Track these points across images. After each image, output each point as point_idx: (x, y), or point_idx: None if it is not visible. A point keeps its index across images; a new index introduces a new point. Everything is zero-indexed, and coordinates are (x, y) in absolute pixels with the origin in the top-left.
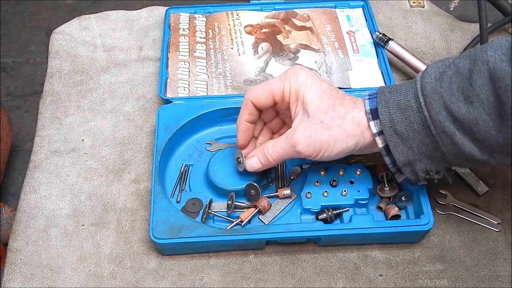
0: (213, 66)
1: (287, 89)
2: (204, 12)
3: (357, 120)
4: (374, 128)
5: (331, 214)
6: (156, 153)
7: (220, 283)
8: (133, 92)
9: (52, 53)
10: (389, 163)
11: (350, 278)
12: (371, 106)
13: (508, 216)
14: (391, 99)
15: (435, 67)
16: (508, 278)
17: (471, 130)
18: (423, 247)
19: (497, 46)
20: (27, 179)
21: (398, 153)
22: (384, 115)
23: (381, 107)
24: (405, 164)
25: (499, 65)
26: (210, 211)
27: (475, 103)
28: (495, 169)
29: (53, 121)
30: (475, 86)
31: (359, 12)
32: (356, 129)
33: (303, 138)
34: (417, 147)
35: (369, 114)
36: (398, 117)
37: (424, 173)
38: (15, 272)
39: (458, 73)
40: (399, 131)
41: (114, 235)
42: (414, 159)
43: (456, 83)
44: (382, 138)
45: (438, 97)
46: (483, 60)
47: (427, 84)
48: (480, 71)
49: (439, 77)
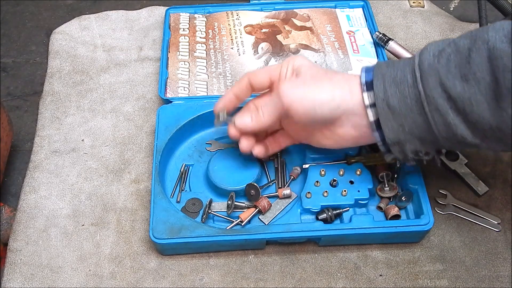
0: (213, 66)
1: (284, 67)
2: (204, 12)
3: (347, 78)
4: (367, 99)
5: (331, 214)
6: (156, 153)
7: (220, 283)
8: (133, 92)
9: (52, 53)
10: (378, 139)
11: (350, 278)
12: (367, 78)
13: (508, 216)
14: (387, 73)
15: (434, 45)
16: (508, 278)
17: (464, 110)
18: (423, 247)
19: (499, 28)
20: (27, 179)
21: (388, 129)
22: (379, 87)
23: (377, 79)
24: (394, 143)
25: (499, 45)
26: (210, 211)
27: (471, 82)
28: (495, 169)
29: (53, 121)
30: (473, 64)
31: (359, 12)
32: (344, 84)
33: (290, 83)
34: (408, 125)
35: (364, 86)
36: (392, 90)
37: (413, 154)
38: (15, 272)
39: (457, 51)
40: (391, 105)
41: (114, 235)
42: (404, 139)
43: (454, 61)
44: (374, 111)
45: (434, 73)
46: (483, 39)
47: (425, 59)
48: (479, 49)
49: (438, 54)
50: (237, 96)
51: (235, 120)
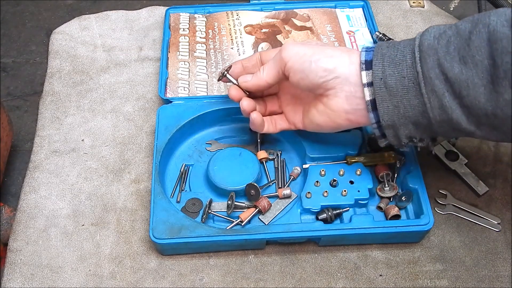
0: (213, 66)
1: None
2: (204, 12)
3: (349, 50)
4: (365, 78)
5: (331, 214)
6: (156, 153)
7: (220, 283)
8: (133, 92)
9: (52, 53)
10: (373, 121)
11: (350, 278)
12: (366, 57)
13: (508, 216)
14: (387, 53)
15: (436, 28)
16: (508, 278)
17: (461, 93)
18: (423, 247)
19: (501, 13)
20: (27, 179)
21: (383, 110)
22: (377, 66)
23: (376, 59)
24: (388, 125)
25: (500, 28)
26: (210, 211)
27: (469, 64)
28: (495, 169)
29: (53, 121)
30: (472, 46)
31: (359, 12)
32: (344, 52)
33: (292, 43)
34: (404, 107)
35: (363, 64)
36: (390, 70)
37: (407, 139)
38: (15, 272)
39: (458, 34)
40: (389, 84)
41: (114, 235)
42: (399, 122)
43: (454, 43)
44: (371, 90)
45: (433, 53)
46: (484, 23)
47: (425, 40)
48: (480, 32)
49: (438, 36)
50: (245, 67)
51: (239, 79)
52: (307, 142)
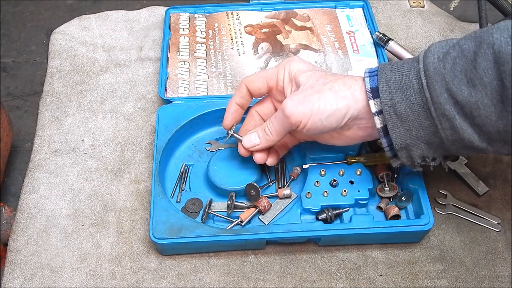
0: (213, 66)
1: (281, 73)
2: (204, 12)
3: (348, 84)
4: (374, 107)
5: (331, 214)
6: (156, 153)
7: (220, 283)
8: (133, 92)
9: (52, 53)
10: (386, 145)
11: (350, 278)
12: (371, 84)
13: (508, 216)
14: (392, 78)
15: (438, 46)
16: (508, 278)
17: (472, 114)
18: (423, 247)
19: (503, 29)
20: (27, 179)
21: (396, 135)
22: (385, 94)
23: (382, 86)
24: (401, 148)
25: (504, 48)
26: (210, 211)
27: (478, 87)
28: (495, 169)
29: (53, 121)
30: (479, 69)
31: (359, 12)
32: (346, 91)
33: (293, 101)
34: (416, 130)
35: (369, 93)
36: (399, 97)
37: (420, 159)
38: (15, 272)
39: (463, 55)
40: (399, 112)
41: (114, 235)
42: (411, 143)
43: (460, 65)
44: (381, 118)
45: (440, 79)
46: (488, 42)
47: (430, 64)
48: (485, 54)
49: (443, 58)
50: (240, 105)
51: (244, 142)
52: (307, 142)
